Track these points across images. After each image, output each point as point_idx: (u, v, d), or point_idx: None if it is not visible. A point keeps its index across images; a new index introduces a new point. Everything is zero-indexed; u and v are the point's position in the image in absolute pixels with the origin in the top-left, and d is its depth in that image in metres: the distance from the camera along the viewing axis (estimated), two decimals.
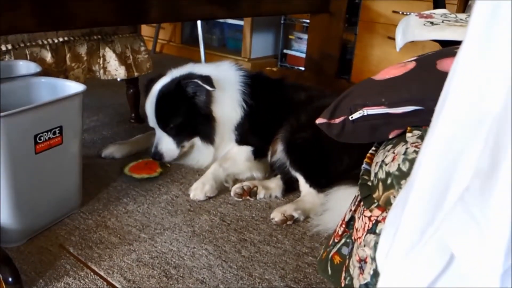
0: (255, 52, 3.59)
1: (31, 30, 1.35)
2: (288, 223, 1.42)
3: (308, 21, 2.92)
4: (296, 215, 1.43)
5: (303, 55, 3.01)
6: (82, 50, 1.78)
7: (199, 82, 1.57)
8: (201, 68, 1.73)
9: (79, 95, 1.30)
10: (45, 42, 1.65)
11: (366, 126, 0.74)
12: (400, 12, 2.78)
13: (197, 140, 1.72)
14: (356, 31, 3.08)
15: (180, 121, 1.64)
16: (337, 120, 0.77)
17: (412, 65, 0.73)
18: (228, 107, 1.69)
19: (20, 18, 1.25)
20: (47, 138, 1.21)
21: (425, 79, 0.69)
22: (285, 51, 3.59)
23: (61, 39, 1.69)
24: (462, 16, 1.83)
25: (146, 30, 3.99)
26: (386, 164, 0.67)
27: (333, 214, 1.34)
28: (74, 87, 1.34)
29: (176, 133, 1.66)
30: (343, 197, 1.32)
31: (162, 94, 1.63)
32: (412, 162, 0.62)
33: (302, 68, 3.08)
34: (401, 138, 0.71)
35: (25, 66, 1.51)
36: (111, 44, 1.88)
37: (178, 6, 1.69)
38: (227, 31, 3.89)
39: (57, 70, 1.69)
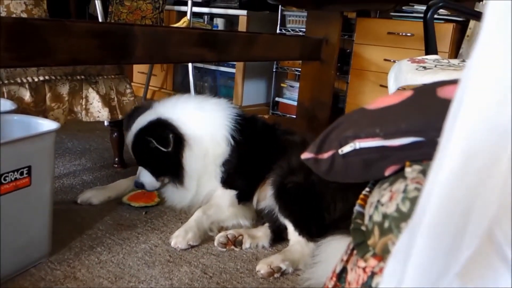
0: (246, 100, 3.57)
1: (5, 64, 1.28)
2: (275, 275, 1.29)
3: (300, 69, 2.90)
4: (283, 266, 1.31)
5: (295, 103, 2.98)
6: (64, 90, 1.71)
7: (154, 142, 1.58)
8: (185, 103, 1.70)
9: (52, 134, 1.21)
10: (24, 80, 1.58)
11: (358, 162, 0.65)
12: (392, 60, 2.78)
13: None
14: (348, 80, 3.06)
15: (150, 163, 1.66)
16: (325, 155, 0.68)
17: (409, 93, 0.66)
18: (210, 144, 1.63)
19: None
20: (13, 178, 1.11)
21: (426, 107, 0.61)
22: (277, 99, 3.57)
23: (41, 78, 1.62)
24: (454, 61, 1.80)
25: (138, 77, 3.99)
26: (382, 205, 0.57)
27: (326, 266, 1.22)
28: (48, 125, 1.26)
29: (151, 170, 1.68)
30: (337, 248, 1.20)
31: (136, 137, 1.65)
32: (413, 201, 0.53)
33: (294, 116, 3.03)
34: (399, 174, 0.62)
35: None
36: (95, 85, 1.81)
37: (165, 46, 1.64)
38: (219, 78, 3.89)
39: (36, 110, 1.61)
